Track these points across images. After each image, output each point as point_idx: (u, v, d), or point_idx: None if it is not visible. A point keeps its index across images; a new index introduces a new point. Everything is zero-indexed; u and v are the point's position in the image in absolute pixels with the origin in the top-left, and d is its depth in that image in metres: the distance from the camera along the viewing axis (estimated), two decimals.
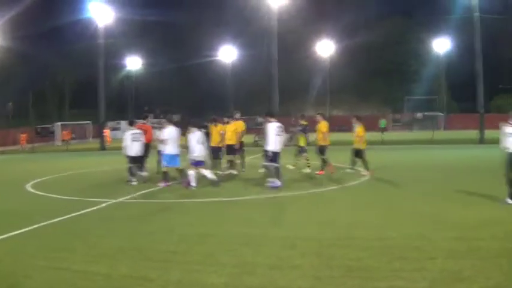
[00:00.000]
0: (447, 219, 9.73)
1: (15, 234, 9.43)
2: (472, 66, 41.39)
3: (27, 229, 9.81)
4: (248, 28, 70.82)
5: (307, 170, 18.85)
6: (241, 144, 19.15)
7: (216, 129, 19.07)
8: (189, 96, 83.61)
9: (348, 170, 18.34)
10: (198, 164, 15.56)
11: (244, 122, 19.82)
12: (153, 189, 15.39)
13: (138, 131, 17.22)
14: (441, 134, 48.59)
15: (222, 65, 72.29)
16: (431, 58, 76.04)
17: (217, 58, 72.30)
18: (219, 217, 10.91)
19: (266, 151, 15.18)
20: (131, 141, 16.87)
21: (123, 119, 66.14)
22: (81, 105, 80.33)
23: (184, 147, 16.28)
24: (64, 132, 56.96)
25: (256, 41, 67.83)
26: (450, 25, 66.12)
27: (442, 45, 72.31)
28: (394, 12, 75.39)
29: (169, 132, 16.11)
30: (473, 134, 37.45)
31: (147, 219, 10.93)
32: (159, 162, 17.95)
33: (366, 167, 17.83)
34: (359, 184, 15.61)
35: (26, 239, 9.24)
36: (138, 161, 17.12)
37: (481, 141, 35.05)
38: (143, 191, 14.92)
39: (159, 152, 17.42)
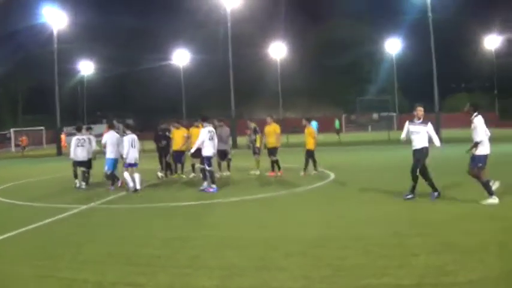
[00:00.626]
0: (416, 217, 10.01)
1: None
2: (424, 66, 42.43)
3: (4, 236, 9.58)
4: (201, 31, 70.80)
5: (257, 172, 19.28)
6: None
7: (178, 133, 19.02)
8: (143, 100, 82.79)
9: (314, 172, 18.62)
10: (131, 165, 15.74)
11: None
12: (122, 194, 15.32)
13: (83, 136, 17.28)
14: (395, 134, 49.45)
15: (176, 68, 71.82)
16: (384, 58, 77.39)
17: (171, 62, 71.82)
18: (196, 220, 10.94)
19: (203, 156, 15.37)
20: (75, 147, 17.05)
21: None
22: (35, 111, 78.75)
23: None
24: (23, 138, 55.68)
25: (210, 45, 67.82)
26: (402, 26, 67.53)
27: (394, 45, 73.73)
28: (346, 14, 76.41)
29: (109, 137, 16.34)
30: None
31: (124, 224, 10.91)
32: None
33: (305, 167, 18.63)
34: (323, 185, 15.81)
35: (5, 246, 9.05)
36: (84, 166, 17.25)
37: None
38: (111, 197, 14.84)
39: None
